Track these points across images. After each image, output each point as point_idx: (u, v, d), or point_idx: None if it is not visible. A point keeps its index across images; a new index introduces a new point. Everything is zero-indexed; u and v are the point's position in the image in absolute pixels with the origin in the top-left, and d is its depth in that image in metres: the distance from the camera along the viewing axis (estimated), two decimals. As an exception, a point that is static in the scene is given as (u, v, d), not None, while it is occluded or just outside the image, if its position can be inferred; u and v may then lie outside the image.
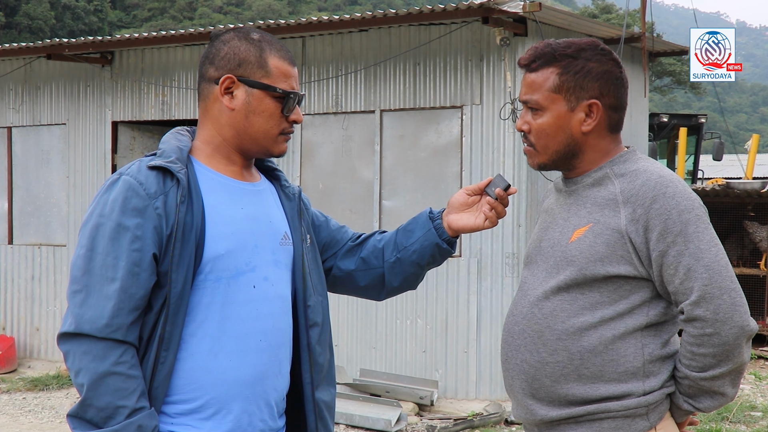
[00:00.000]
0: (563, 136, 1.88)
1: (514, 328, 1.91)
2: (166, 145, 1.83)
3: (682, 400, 1.82)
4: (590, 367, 1.81)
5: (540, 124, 1.88)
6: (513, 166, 6.54)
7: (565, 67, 1.87)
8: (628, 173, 1.85)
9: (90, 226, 1.72)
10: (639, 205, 1.78)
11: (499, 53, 6.58)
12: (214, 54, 1.85)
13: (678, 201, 1.76)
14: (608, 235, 1.80)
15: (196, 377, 1.73)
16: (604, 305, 1.81)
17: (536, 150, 1.91)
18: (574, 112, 1.87)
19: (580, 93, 1.87)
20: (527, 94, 1.90)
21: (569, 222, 1.89)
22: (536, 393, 1.86)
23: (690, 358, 1.78)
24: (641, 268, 1.79)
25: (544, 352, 1.85)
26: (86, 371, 1.65)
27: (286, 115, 1.85)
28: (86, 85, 8.36)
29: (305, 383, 1.89)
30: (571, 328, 1.82)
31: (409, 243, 2.04)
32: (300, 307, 1.90)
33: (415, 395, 6.49)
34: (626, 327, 1.80)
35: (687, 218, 1.76)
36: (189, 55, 7.90)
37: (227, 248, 1.77)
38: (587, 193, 1.89)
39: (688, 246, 1.75)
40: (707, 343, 1.74)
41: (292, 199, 1.97)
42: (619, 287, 1.81)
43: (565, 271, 1.84)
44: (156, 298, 1.71)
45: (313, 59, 7.35)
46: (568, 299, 1.83)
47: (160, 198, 1.72)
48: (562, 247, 1.87)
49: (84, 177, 8.32)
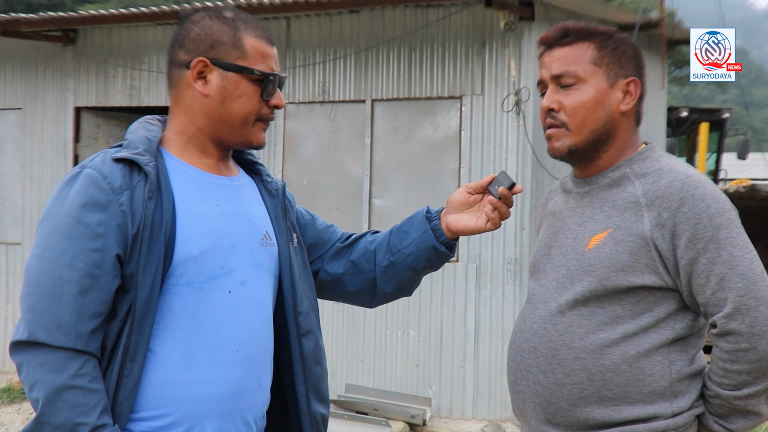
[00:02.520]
0: (603, 113, 1.89)
1: (524, 346, 1.91)
2: (133, 135, 1.82)
3: (713, 421, 1.82)
4: (613, 388, 1.80)
5: (578, 98, 1.88)
6: (516, 163, 6.55)
7: (601, 42, 1.90)
8: (650, 173, 1.85)
9: (46, 223, 1.72)
10: (665, 208, 1.78)
11: (503, 39, 6.58)
12: (184, 36, 1.85)
13: (708, 203, 1.76)
14: (631, 242, 1.80)
15: (166, 392, 1.72)
16: (627, 319, 1.81)
17: (569, 129, 1.90)
18: (613, 89, 1.89)
19: (619, 70, 1.90)
20: (561, 68, 1.90)
21: (584, 227, 1.89)
22: (552, 418, 1.86)
23: (722, 375, 1.78)
24: (667, 277, 1.79)
25: (560, 373, 1.84)
26: (42, 385, 1.64)
27: (266, 99, 1.85)
28: (46, 66, 8.33)
29: (300, 396, 1.90)
30: (590, 346, 1.81)
31: (403, 245, 2.04)
32: (290, 315, 1.90)
33: (405, 414, 6.49)
34: (651, 343, 1.80)
35: (719, 222, 1.76)
36: (161, 36, 7.88)
37: (200, 249, 1.76)
38: (604, 195, 1.89)
39: (720, 253, 1.75)
40: (742, 359, 1.74)
41: (275, 196, 1.97)
42: (643, 299, 1.81)
43: (581, 282, 1.84)
44: (121, 303, 1.70)
45: (299, 42, 7.34)
46: (586, 314, 1.83)
47: (126, 193, 1.71)
48: (577, 256, 1.86)
49: (42, 168, 8.29)
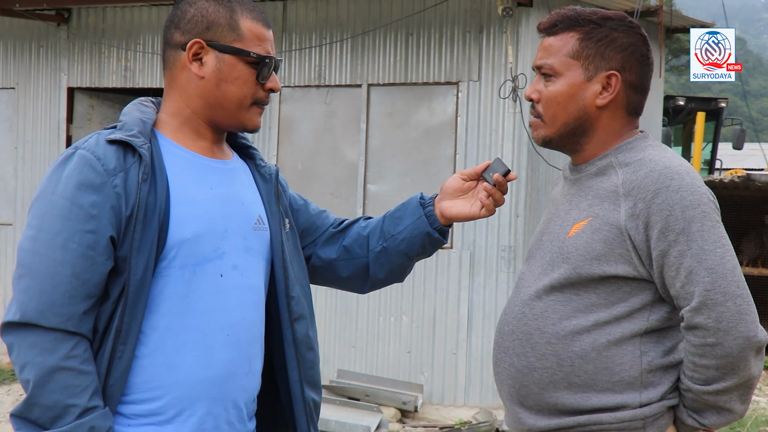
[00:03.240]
0: (575, 107, 1.88)
1: (504, 329, 1.93)
2: (127, 117, 1.82)
3: (686, 415, 1.83)
4: (581, 375, 1.82)
5: (551, 91, 1.88)
6: (512, 151, 6.55)
7: (587, 33, 1.88)
8: (632, 162, 1.84)
9: (39, 204, 1.71)
10: (640, 198, 1.78)
11: (501, 25, 6.57)
12: (180, 17, 1.84)
13: (682, 195, 1.76)
14: (606, 231, 1.81)
15: (157, 375, 1.73)
16: (600, 308, 1.82)
17: (543, 121, 1.91)
18: (591, 82, 1.88)
19: (600, 62, 1.87)
20: (542, 59, 1.90)
21: (570, 215, 1.90)
22: (524, 400, 1.88)
23: (692, 369, 1.78)
24: (641, 268, 1.80)
25: (532, 357, 1.86)
26: (32, 366, 1.64)
27: (262, 82, 1.84)
28: (39, 45, 8.28)
29: (292, 382, 1.90)
30: (561, 332, 1.83)
31: (396, 231, 2.04)
32: (282, 300, 1.91)
33: (397, 400, 6.51)
34: (623, 332, 1.81)
35: (691, 215, 1.75)
36: (156, 16, 7.84)
37: (194, 232, 1.77)
38: (590, 183, 1.90)
39: (690, 246, 1.74)
40: (709, 354, 1.74)
41: (268, 180, 1.97)
42: (618, 289, 1.81)
43: (559, 268, 1.85)
44: (113, 285, 1.70)
45: (295, 26, 7.32)
46: (562, 300, 1.84)
47: (120, 175, 1.71)
48: (559, 242, 1.88)
49: (34, 149, 8.26)
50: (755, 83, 49.97)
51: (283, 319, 1.90)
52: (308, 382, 1.92)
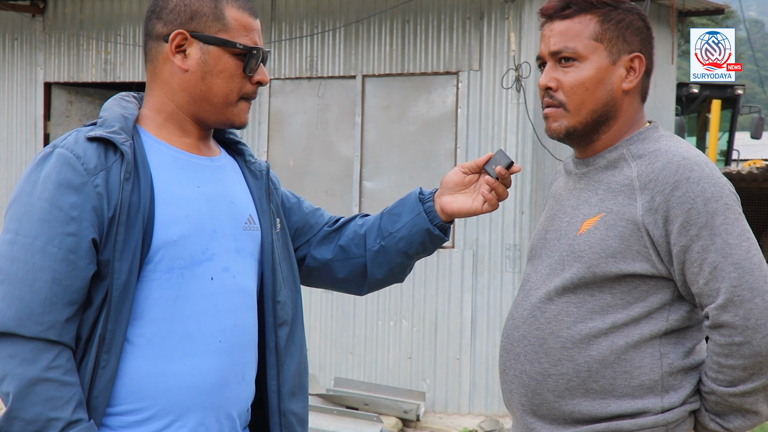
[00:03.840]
0: (603, 93, 1.89)
1: (514, 334, 1.92)
2: (108, 113, 1.82)
3: (709, 419, 1.82)
4: (600, 380, 1.82)
5: (577, 77, 1.88)
6: (516, 143, 6.55)
7: (606, 15, 1.89)
8: (647, 154, 1.85)
9: (17, 207, 1.72)
10: (658, 192, 1.78)
11: (503, 11, 6.57)
12: (162, 7, 1.85)
13: (704, 187, 1.76)
14: (622, 227, 1.81)
15: (144, 384, 1.73)
16: (617, 309, 1.82)
17: (567, 110, 1.90)
18: (615, 66, 1.89)
19: (623, 45, 1.89)
20: (560, 43, 1.89)
21: (578, 210, 1.90)
22: (537, 409, 1.87)
23: (717, 370, 1.78)
24: (660, 265, 1.80)
25: (546, 363, 1.85)
26: (12, 377, 1.64)
27: (249, 75, 1.85)
28: (13, 38, 8.28)
29: (270, 391, 1.90)
30: (577, 335, 1.83)
31: (395, 229, 2.05)
32: (268, 303, 1.91)
33: (398, 408, 6.51)
34: (642, 334, 1.81)
35: (714, 208, 1.75)
36: (137, 6, 7.84)
37: (180, 233, 1.77)
38: (600, 177, 1.90)
39: (714, 240, 1.74)
40: (736, 353, 1.74)
41: (258, 177, 1.98)
42: (635, 288, 1.81)
43: (571, 268, 1.85)
44: (96, 291, 1.71)
45: (285, 14, 7.32)
46: (575, 301, 1.84)
47: (101, 174, 1.72)
48: (569, 240, 1.88)
49: (10, 147, 8.26)
50: (773, 69, 49.89)
51: (268, 324, 1.91)
52: (289, 393, 1.92)
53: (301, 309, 1.99)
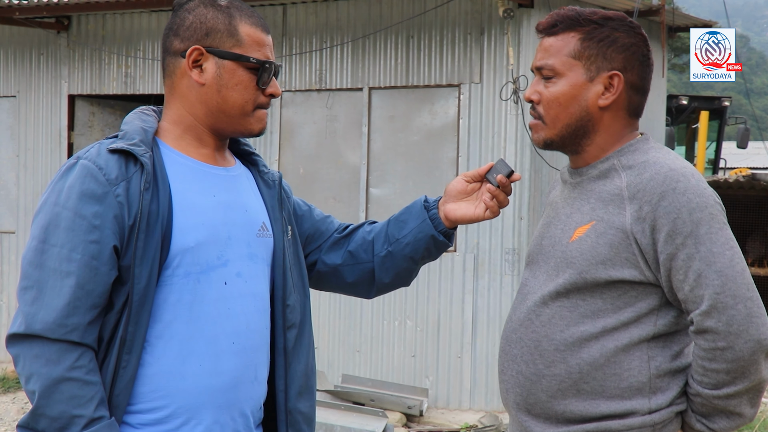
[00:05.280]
0: (577, 108, 1.87)
1: (512, 336, 1.92)
2: (128, 126, 1.82)
3: (695, 420, 1.82)
4: (590, 382, 1.81)
5: (552, 92, 1.88)
6: (515, 152, 6.55)
7: (588, 33, 1.87)
8: (636, 165, 1.84)
9: (42, 215, 1.72)
10: (646, 201, 1.77)
11: (502, 27, 6.57)
12: (179, 24, 1.85)
13: (689, 198, 1.75)
14: (612, 235, 1.80)
15: (163, 384, 1.74)
16: (607, 313, 1.81)
17: (544, 123, 1.90)
18: (593, 83, 1.87)
19: (602, 63, 1.87)
20: (542, 59, 1.89)
21: (571, 218, 1.89)
22: (531, 408, 1.87)
23: (702, 373, 1.77)
24: (648, 272, 1.79)
25: (540, 364, 1.85)
26: (38, 377, 1.65)
27: (262, 87, 1.86)
28: (39, 53, 8.30)
29: (278, 391, 1.91)
30: (570, 338, 1.82)
31: (401, 235, 2.05)
32: (278, 307, 1.91)
33: (402, 404, 6.50)
34: (631, 338, 1.80)
35: (699, 217, 1.75)
36: (156, 23, 7.86)
37: (197, 240, 1.77)
38: (592, 187, 1.89)
39: (699, 249, 1.74)
40: (719, 357, 1.73)
41: (271, 186, 1.98)
42: (624, 293, 1.80)
43: (564, 274, 1.84)
44: (117, 295, 1.71)
45: (295, 29, 7.32)
46: (568, 306, 1.84)
47: (122, 184, 1.72)
48: (562, 247, 1.87)
49: (36, 156, 8.27)
50: (758, 81, 49.92)
51: (278, 327, 1.91)
52: (296, 393, 1.92)
53: (309, 312, 1.99)
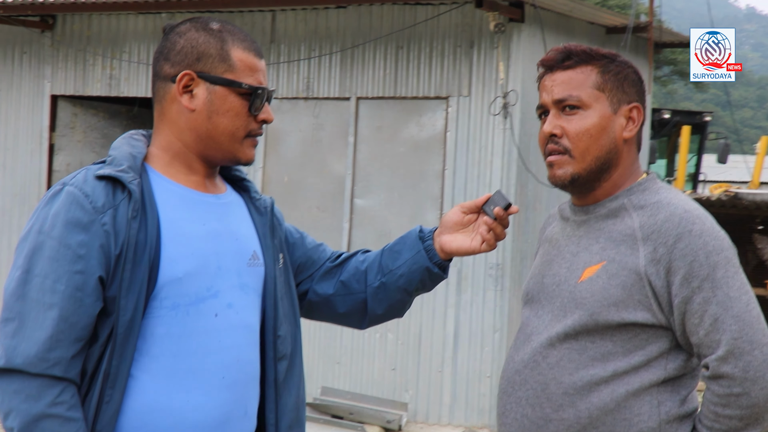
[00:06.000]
0: (606, 140, 1.86)
1: (515, 378, 1.88)
2: (117, 152, 1.77)
3: None
4: (600, 427, 1.78)
5: (582, 124, 1.85)
6: (501, 167, 6.53)
7: (605, 67, 1.87)
8: (648, 205, 1.82)
9: (26, 244, 1.67)
10: (661, 243, 1.75)
11: (492, 40, 6.55)
12: (169, 48, 1.80)
13: (705, 241, 1.74)
14: (624, 276, 1.77)
15: (148, 420, 1.68)
16: (617, 356, 1.78)
17: (572, 156, 1.86)
18: (617, 115, 1.87)
19: (622, 95, 1.87)
20: (565, 92, 1.86)
21: (579, 257, 1.86)
22: None
23: (713, 419, 1.75)
24: (660, 315, 1.77)
25: (548, 408, 1.81)
26: (17, 413, 1.60)
27: (254, 113, 1.81)
28: (22, 51, 8.22)
29: (269, 425, 1.86)
30: (579, 382, 1.79)
31: (395, 266, 2.00)
32: (269, 338, 1.87)
33: (381, 418, 6.48)
34: (642, 382, 1.78)
35: (715, 261, 1.74)
36: (143, 25, 7.79)
37: (186, 270, 1.72)
38: (601, 226, 1.86)
39: (716, 293, 1.72)
40: (734, 404, 1.72)
41: (263, 214, 1.93)
42: (635, 336, 1.78)
43: (573, 315, 1.81)
44: (102, 327, 1.66)
45: (284, 37, 7.28)
46: (577, 348, 1.81)
47: (109, 212, 1.67)
48: (570, 287, 1.84)
49: (16, 156, 8.19)
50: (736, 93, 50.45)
51: (268, 358, 1.87)
52: (287, 426, 1.88)
53: (300, 343, 1.96)
